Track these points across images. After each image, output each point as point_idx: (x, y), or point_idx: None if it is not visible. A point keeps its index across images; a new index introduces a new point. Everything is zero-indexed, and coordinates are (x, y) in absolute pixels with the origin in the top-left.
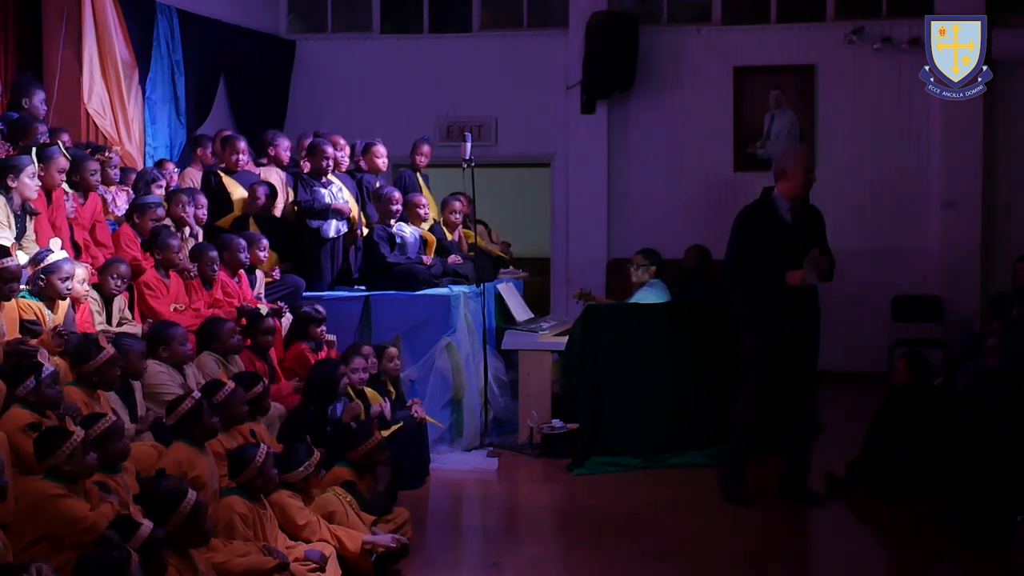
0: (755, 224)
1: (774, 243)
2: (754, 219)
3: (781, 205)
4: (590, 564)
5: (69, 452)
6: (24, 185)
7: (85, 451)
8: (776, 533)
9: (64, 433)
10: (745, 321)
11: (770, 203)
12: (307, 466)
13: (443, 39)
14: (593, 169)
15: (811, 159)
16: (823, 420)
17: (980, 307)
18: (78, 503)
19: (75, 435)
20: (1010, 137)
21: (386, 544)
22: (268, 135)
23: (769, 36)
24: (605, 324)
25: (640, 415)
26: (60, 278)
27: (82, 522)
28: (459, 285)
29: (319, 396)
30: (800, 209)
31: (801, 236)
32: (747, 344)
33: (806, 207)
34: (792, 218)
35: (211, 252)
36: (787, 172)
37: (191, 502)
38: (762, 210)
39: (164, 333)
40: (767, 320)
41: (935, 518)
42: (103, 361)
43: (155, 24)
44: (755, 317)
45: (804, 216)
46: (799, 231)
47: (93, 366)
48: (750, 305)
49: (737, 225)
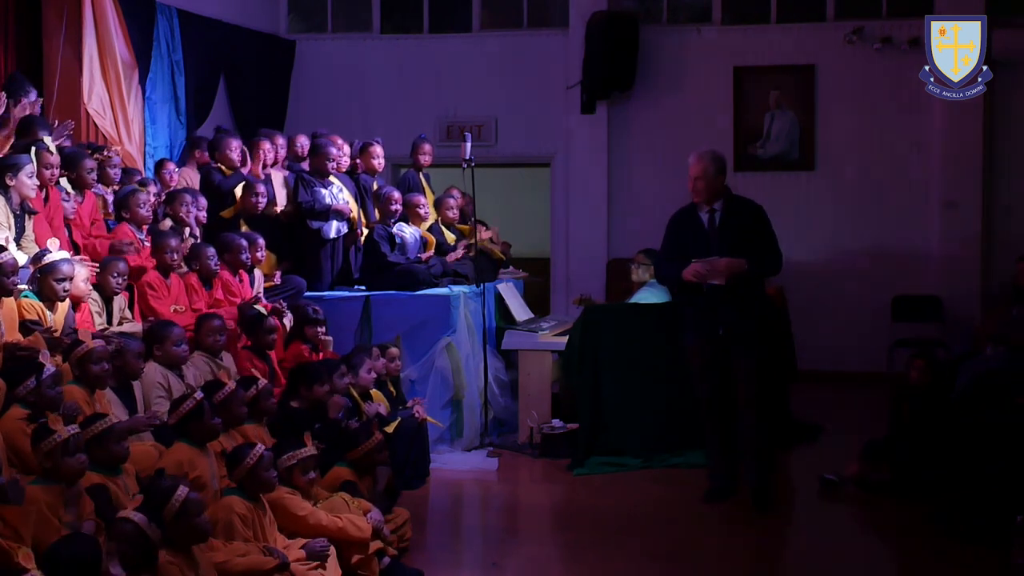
0: (676, 228)
1: (692, 246)
2: (676, 221)
3: (700, 208)
4: (590, 564)
5: (47, 451)
6: (23, 184)
7: (68, 451)
8: (776, 533)
9: (45, 431)
10: (681, 324)
11: (692, 207)
12: (289, 456)
13: (443, 39)
14: (593, 169)
15: (699, 168)
16: (823, 421)
17: (980, 307)
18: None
19: (56, 434)
20: (1010, 137)
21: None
22: (260, 136)
23: (769, 36)
24: (605, 324)
25: (640, 415)
26: (56, 279)
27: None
28: (459, 285)
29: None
30: (723, 211)
31: (718, 235)
32: (686, 347)
33: (734, 208)
34: (708, 221)
35: (209, 249)
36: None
37: (180, 498)
38: (685, 212)
39: (159, 333)
40: (697, 321)
41: (935, 518)
42: (82, 354)
43: (155, 24)
44: (687, 319)
45: (729, 217)
46: (716, 231)
47: (75, 358)
48: (682, 308)
49: (666, 230)
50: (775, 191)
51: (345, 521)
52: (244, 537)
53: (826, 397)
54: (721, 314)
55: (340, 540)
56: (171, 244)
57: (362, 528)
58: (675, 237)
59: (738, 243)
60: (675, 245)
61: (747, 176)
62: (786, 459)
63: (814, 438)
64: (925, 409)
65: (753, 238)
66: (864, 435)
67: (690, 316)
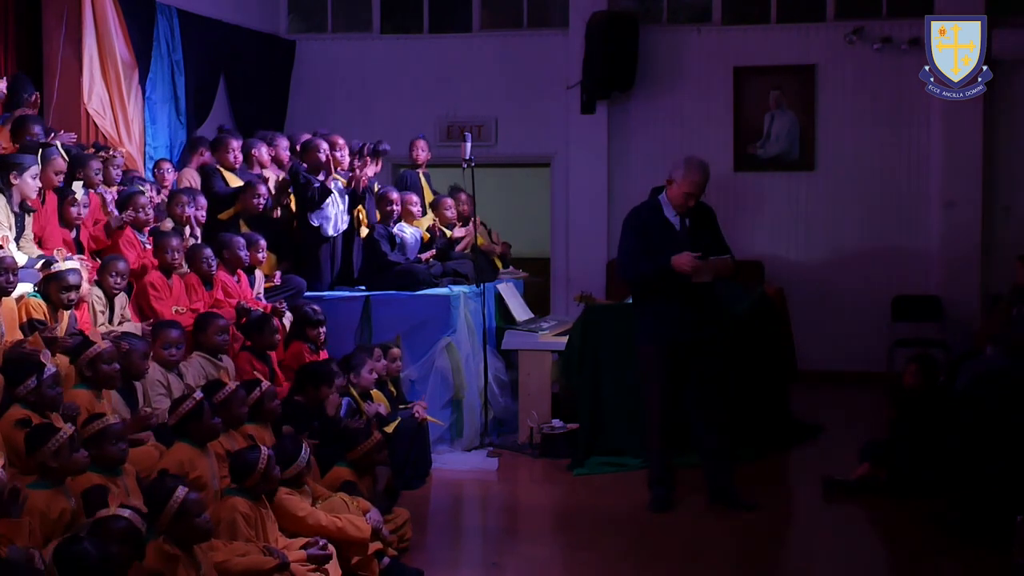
0: (643, 226)
1: (661, 245)
2: (641, 220)
3: (668, 209)
4: (590, 564)
5: (55, 449)
6: (25, 184)
7: (73, 448)
8: (776, 533)
9: (51, 430)
10: (639, 327)
11: (657, 205)
12: (300, 462)
13: (443, 39)
14: (593, 169)
15: (696, 186)
16: (823, 421)
17: (980, 307)
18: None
19: (62, 432)
20: (1010, 137)
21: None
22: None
23: (769, 36)
24: (605, 324)
25: (640, 415)
26: (62, 287)
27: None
28: (459, 285)
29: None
30: (691, 210)
31: (690, 238)
32: (641, 350)
33: (698, 210)
34: (680, 222)
35: (206, 250)
36: (674, 183)
37: (180, 499)
38: (650, 212)
39: (155, 332)
40: (657, 325)
41: (935, 518)
42: (93, 355)
43: (155, 24)
44: (646, 323)
45: (694, 217)
46: (687, 233)
47: (85, 360)
48: (641, 310)
49: (625, 227)
50: (775, 191)
51: (345, 521)
52: (247, 537)
53: (826, 397)
54: (686, 317)
55: (340, 540)
56: (172, 244)
57: (362, 528)
58: (643, 237)
59: (709, 245)
60: (644, 245)
61: (747, 176)
62: (786, 459)
63: (814, 438)
64: (921, 411)
65: (714, 240)
66: (864, 435)
67: (650, 319)
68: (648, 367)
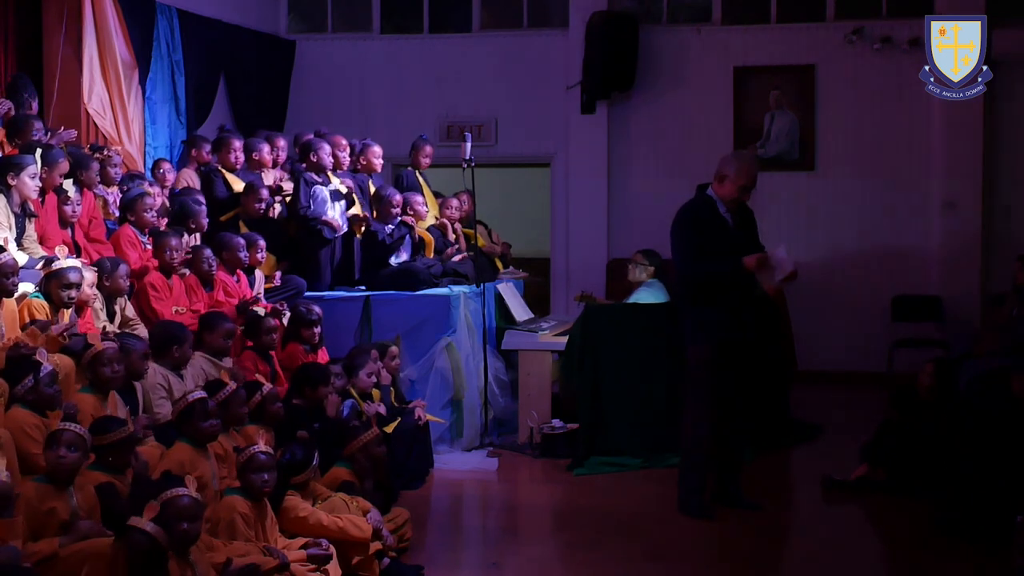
0: (701, 226)
1: (719, 242)
2: (699, 218)
3: (720, 205)
4: (590, 564)
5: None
6: (24, 184)
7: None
8: (776, 533)
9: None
10: (688, 332)
11: (711, 202)
12: (311, 469)
13: (443, 39)
14: (593, 169)
15: (751, 178)
16: (823, 421)
17: (980, 307)
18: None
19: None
20: (1010, 137)
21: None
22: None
23: (769, 36)
24: (605, 324)
25: (640, 415)
26: (62, 284)
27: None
28: (459, 285)
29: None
30: (736, 209)
31: (744, 235)
32: (692, 355)
33: (741, 206)
34: (732, 218)
35: (206, 251)
36: (727, 178)
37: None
38: (706, 209)
39: (179, 335)
40: (718, 325)
41: (935, 518)
42: (92, 356)
43: (155, 24)
44: (705, 323)
45: (741, 215)
46: (740, 230)
47: (85, 360)
48: (694, 316)
49: (681, 225)
50: (775, 191)
51: (346, 521)
52: (246, 537)
53: (826, 397)
54: (743, 318)
55: (341, 540)
56: (172, 244)
57: (363, 528)
58: (701, 235)
59: (754, 242)
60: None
61: None
62: (786, 459)
63: (814, 438)
64: (928, 412)
65: (757, 238)
66: (864, 435)
67: (712, 318)
68: (700, 369)
